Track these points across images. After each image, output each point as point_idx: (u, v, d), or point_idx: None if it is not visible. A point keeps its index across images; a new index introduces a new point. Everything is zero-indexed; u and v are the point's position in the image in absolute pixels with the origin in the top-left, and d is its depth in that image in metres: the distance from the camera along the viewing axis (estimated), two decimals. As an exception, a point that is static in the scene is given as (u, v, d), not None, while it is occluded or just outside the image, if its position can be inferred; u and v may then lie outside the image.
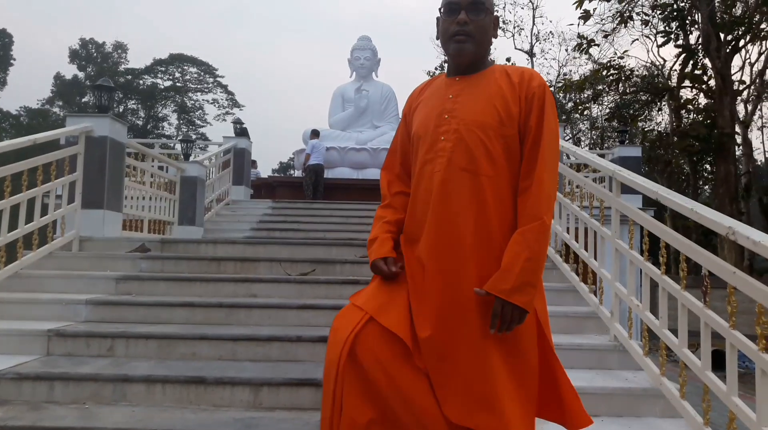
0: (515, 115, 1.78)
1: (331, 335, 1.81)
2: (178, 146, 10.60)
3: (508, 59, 28.88)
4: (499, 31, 2.14)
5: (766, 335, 2.15)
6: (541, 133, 1.76)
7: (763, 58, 23.82)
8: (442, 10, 1.89)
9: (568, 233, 4.50)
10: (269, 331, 3.53)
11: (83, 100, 40.49)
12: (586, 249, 4.09)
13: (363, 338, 1.71)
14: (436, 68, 30.76)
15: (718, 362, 2.47)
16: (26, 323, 3.59)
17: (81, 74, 43.09)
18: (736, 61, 22.10)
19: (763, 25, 19.04)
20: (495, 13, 1.93)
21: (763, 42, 22.00)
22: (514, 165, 1.77)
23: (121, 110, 41.11)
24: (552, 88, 26.80)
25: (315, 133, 11.98)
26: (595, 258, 3.89)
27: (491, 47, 2.00)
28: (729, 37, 19.02)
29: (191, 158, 8.41)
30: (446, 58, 1.98)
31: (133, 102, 43.50)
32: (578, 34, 19.75)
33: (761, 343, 2.14)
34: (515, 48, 32.06)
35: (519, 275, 1.63)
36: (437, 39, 1.96)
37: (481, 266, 1.71)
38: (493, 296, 1.63)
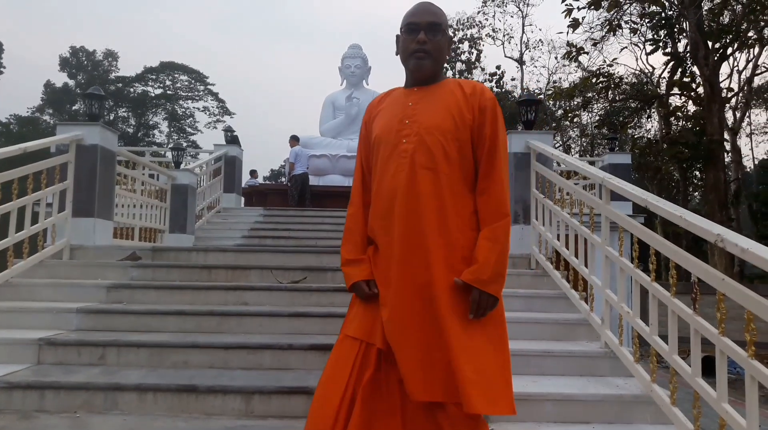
0: (468, 122, 2.00)
1: (330, 363, 1.97)
2: (169, 154, 10.57)
3: (498, 67, 29.09)
4: (489, 39, 2.37)
5: (755, 341, 2.17)
6: (496, 141, 2.00)
7: (750, 65, 24.15)
8: (402, 30, 2.10)
9: (558, 240, 4.52)
10: (261, 339, 3.53)
11: (74, 107, 40.40)
12: (576, 256, 4.11)
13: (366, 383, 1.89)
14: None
15: (710, 368, 2.49)
16: (17, 332, 3.57)
17: (71, 82, 43.00)
18: (724, 69, 22.36)
19: (750, 33, 19.27)
20: (449, 34, 2.16)
21: (751, 50, 22.29)
22: (465, 164, 2.00)
23: (111, 118, 41.00)
24: (542, 96, 26.99)
25: (295, 140, 11.86)
26: (586, 265, 3.91)
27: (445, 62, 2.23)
28: (717, 45, 19.23)
29: (182, 166, 8.39)
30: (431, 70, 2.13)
31: (123, 110, 43.42)
32: (567, 42, 19.92)
33: (750, 349, 2.16)
34: (505, 56, 32.20)
35: (493, 268, 1.87)
36: (396, 55, 2.17)
37: (439, 252, 1.90)
38: (469, 285, 1.85)
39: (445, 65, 2.25)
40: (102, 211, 5.43)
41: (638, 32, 21.33)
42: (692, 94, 20.61)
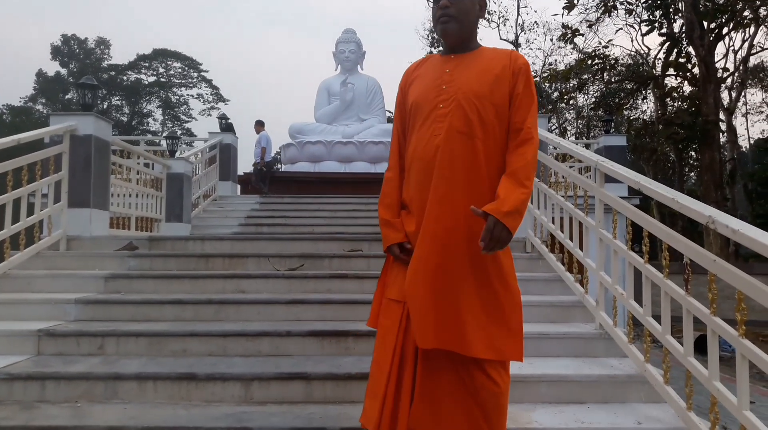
0: (504, 86, 2.06)
1: (379, 328, 2.12)
2: (164, 143, 10.54)
3: (493, 49, 28.87)
4: (484, 22, 2.35)
5: (745, 320, 2.20)
6: (529, 96, 2.08)
7: (746, 45, 24.08)
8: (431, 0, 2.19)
9: (553, 223, 4.55)
10: (259, 326, 3.56)
11: (66, 96, 40.10)
12: (571, 239, 4.13)
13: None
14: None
15: (704, 347, 2.52)
16: (16, 324, 3.59)
17: (64, 71, 42.64)
18: (720, 49, 22.35)
19: (746, 13, 19.20)
20: None
21: (746, 29, 22.22)
22: (502, 129, 2.06)
23: (105, 107, 40.75)
24: (537, 78, 26.86)
25: (261, 125, 11.68)
26: (581, 248, 3.94)
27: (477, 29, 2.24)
28: (712, 25, 19.17)
29: (177, 155, 8.37)
30: (438, 48, 2.34)
31: (117, 98, 43.13)
32: (563, 24, 19.85)
33: (741, 329, 2.19)
34: (500, 38, 32.03)
35: (513, 203, 1.92)
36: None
37: (469, 215, 1.96)
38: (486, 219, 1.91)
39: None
40: (98, 202, 5.43)
41: (633, 13, 21.24)
42: (687, 74, 20.58)
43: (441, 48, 2.36)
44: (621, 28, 26.39)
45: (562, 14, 20.15)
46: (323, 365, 3.13)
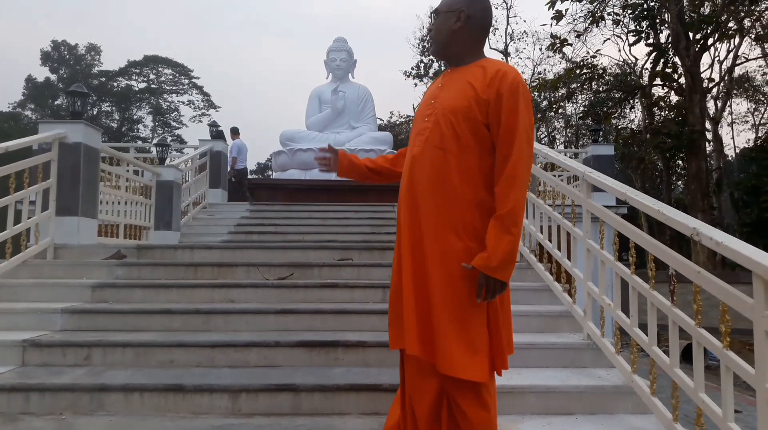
0: (484, 105, 2.04)
1: None
2: (154, 150, 10.51)
3: (483, 58, 29.04)
4: None
5: (729, 332, 2.22)
6: (514, 129, 2.01)
7: (731, 56, 24.35)
8: None
9: (541, 232, 4.57)
10: (247, 337, 3.54)
11: (56, 102, 39.86)
12: (559, 249, 4.16)
13: None
14: (412, 68, 30.87)
15: (691, 355, 2.54)
16: (1, 334, 3.54)
17: (53, 77, 42.39)
18: (705, 59, 22.55)
19: (730, 24, 19.45)
20: (457, 9, 2.20)
21: (731, 40, 22.48)
22: (482, 145, 2.07)
23: (95, 113, 40.54)
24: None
25: (236, 132, 11.79)
26: (569, 257, 3.96)
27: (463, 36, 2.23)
28: (698, 36, 19.40)
29: (167, 162, 8.35)
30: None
31: (107, 104, 42.93)
32: (551, 33, 20.01)
33: (725, 340, 2.21)
34: (490, 48, 32.21)
35: (501, 256, 1.95)
36: None
37: (442, 233, 2.04)
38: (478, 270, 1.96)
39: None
40: (86, 210, 5.40)
41: (621, 23, 21.44)
42: (674, 84, 20.78)
43: (431, 59, 2.57)
44: (609, 39, 26.60)
45: (551, 24, 20.30)
46: (312, 376, 3.12)
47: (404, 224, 2.14)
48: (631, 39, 21.48)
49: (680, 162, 27.45)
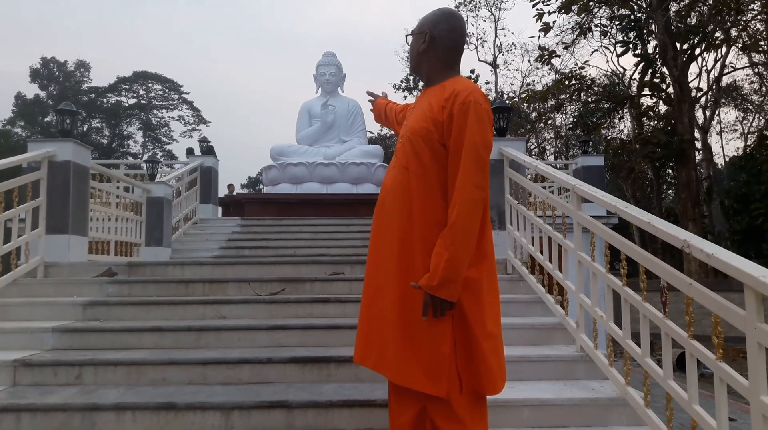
0: (439, 124, 2.09)
1: None
2: (144, 166, 10.48)
3: (472, 71, 29.32)
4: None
5: (722, 344, 2.23)
6: (460, 150, 2.03)
7: (718, 65, 24.64)
8: None
9: (533, 244, 4.58)
10: (239, 353, 3.52)
11: (46, 119, 39.72)
12: (550, 261, 4.17)
13: None
14: (401, 81, 31.04)
15: (684, 363, 2.55)
16: (-10, 354, 3.52)
17: (43, 94, 42.33)
18: (693, 69, 22.87)
19: (717, 34, 19.70)
20: (424, 31, 2.27)
21: (718, 50, 22.76)
22: (442, 166, 2.10)
23: (85, 129, 40.45)
24: (516, 99, 27.21)
25: (192, 152, 11.94)
26: (560, 269, 3.97)
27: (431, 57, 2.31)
28: (685, 46, 19.64)
29: (157, 178, 8.32)
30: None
31: (97, 121, 42.87)
32: (539, 45, 20.18)
33: (718, 352, 2.22)
34: (479, 60, 32.48)
35: (442, 274, 1.96)
36: None
37: (402, 248, 2.10)
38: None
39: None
40: (76, 228, 5.37)
41: (608, 35, 21.69)
42: (662, 94, 21.00)
43: None
44: (597, 50, 26.91)
45: (539, 36, 20.47)
46: (304, 392, 3.10)
47: (373, 243, 2.24)
48: (619, 50, 21.76)
49: (670, 171, 27.69)
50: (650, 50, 21.24)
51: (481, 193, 2.04)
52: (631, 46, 20.77)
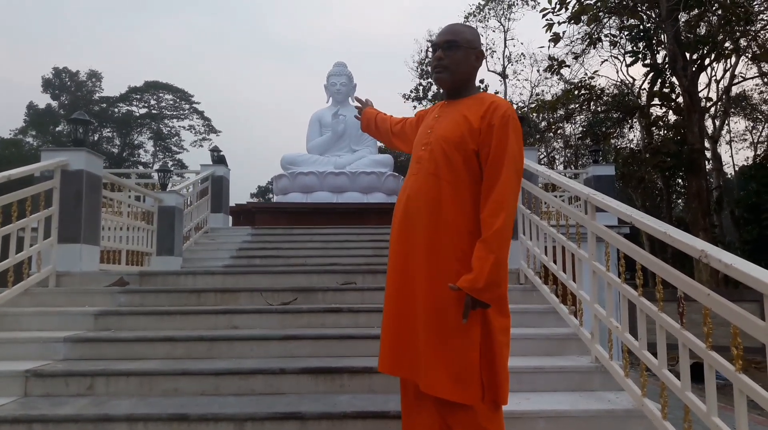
0: (476, 136, 2.14)
1: None
2: (155, 175, 10.53)
3: (481, 81, 29.38)
4: None
5: (741, 355, 2.19)
6: (501, 159, 2.10)
7: (728, 75, 24.54)
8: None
9: (546, 253, 4.55)
10: (252, 364, 3.51)
11: (57, 129, 40.03)
12: (564, 270, 4.13)
13: None
14: (411, 91, 31.09)
15: (699, 373, 2.51)
16: (3, 364, 3.51)
17: (55, 103, 42.68)
18: (703, 79, 22.75)
19: (726, 44, 19.63)
20: (476, 48, 2.34)
21: (728, 60, 22.67)
22: (473, 174, 2.16)
23: (96, 139, 40.73)
24: (525, 109, 27.20)
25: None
26: (574, 279, 3.94)
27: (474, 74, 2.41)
28: (694, 56, 19.57)
29: (169, 187, 8.34)
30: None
31: (108, 130, 43.14)
32: (549, 55, 20.16)
33: (738, 364, 2.19)
34: (488, 70, 32.46)
35: (488, 277, 1.99)
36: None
37: (432, 255, 2.12)
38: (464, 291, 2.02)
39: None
40: (88, 237, 5.39)
41: (618, 45, 21.65)
42: (672, 104, 20.91)
43: (430, 82, 2.68)
44: (606, 60, 26.79)
45: (548, 47, 20.47)
46: (318, 404, 3.08)
47: (398, 250, 2.24)
48: (629, 60, 21.71)
49: (680, 181, 27.53)
50: (660, 60, 21.18)
51: (517, 202, 2.20)
52: (640, 56, 20.70)
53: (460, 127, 2.18)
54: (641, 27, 19.98)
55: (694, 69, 19.46)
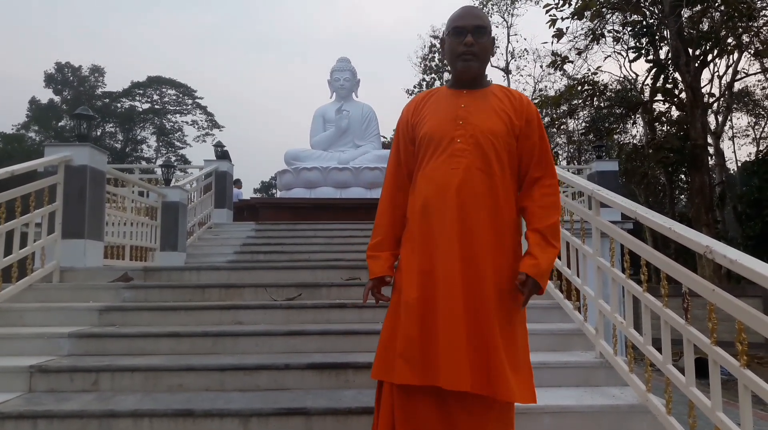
0: (516, 130, 2.13)
1: None
2: (159, 171, 10.54)
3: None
4: None
5: (746, 351, 2.19)
6: (547, 146, 2.18)
7: (730, 71, 24.47)
8: (449, 33, 2.19)
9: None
10: (257, 359, 3.51)
11: (60, 124, 40.08)
12: (568, 266, 4.13)
13: None
14: (414, 86, 31.03)
15: (703, 369, 2.51)
16: (7, 360, 3.52)
17: (57, 98, 42.72)
18: (705, 75, 22.65)
19: (729, 40, 19.55)
20: (492, 37, 2.28)
21: (730, 56, 22.58)
22: (513, 167, 2.14)
23: (99, 134, 40.77)
24: (528, 104, 27.09)
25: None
26: (578, 274, 3.93)
27: None
28: (697, 52, 19.49)
29: (172, 183, 8.35)
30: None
31: (111, 125, 43.20)
32: (552, 51, 20.09)
33: (742, 359, 2.18)
34: (491, 65, 32.42)
35: (548, 265, 2.05)
36: (443, 58, 2.40)
37: (490, 251, 2.03)
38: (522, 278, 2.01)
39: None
40: (92, 232, 5.39)
41: (621, 41, 21.59)
42: (675, 99, 20.87)
43: (434, 77, 2.49)
44: (609, 56, 26.67)
45: (552, 42, 20.38)
46: (323, 399, 3.09)
47: (451, 249, 2.01)
48: (632, 56, 21.65)
49: (683, 176, 27.45)
50: (663, 56, 21.12)
51: None
52: (643, 51, 20.64)
53: (503, 121, 2.11)
54: (644, 23, 19.91)
55: (696, 65, 19.38)
